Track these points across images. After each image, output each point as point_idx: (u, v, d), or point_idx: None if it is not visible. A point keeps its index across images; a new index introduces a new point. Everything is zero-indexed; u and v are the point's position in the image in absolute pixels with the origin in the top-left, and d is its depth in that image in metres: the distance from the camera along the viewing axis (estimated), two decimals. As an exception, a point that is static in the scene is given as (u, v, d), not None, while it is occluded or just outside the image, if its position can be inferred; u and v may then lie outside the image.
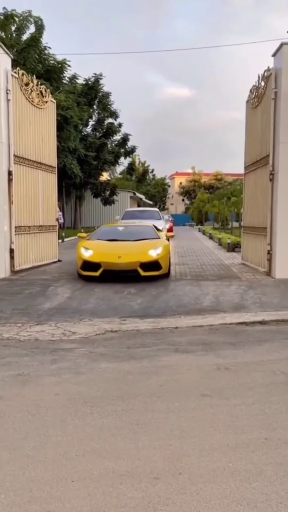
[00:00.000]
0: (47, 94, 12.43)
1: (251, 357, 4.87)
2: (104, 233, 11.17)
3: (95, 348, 5.36)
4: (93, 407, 3.68)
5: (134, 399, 3.82)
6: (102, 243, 10.38)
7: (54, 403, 3.78)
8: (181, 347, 5.29)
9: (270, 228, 10.30)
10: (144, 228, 11.70)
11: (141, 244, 10.24)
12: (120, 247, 10.05)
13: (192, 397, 3.83)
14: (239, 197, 31.05)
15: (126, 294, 8.43)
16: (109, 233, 11.20)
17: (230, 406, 3.64)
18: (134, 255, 9.62)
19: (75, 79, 29.81)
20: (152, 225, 12.15)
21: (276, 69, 10.08)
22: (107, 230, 11.63)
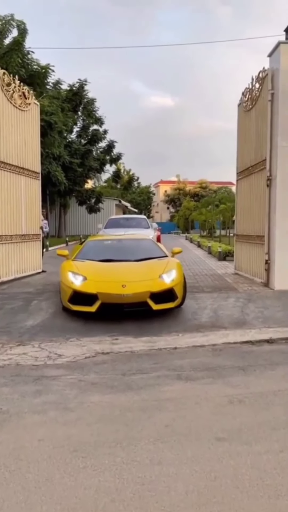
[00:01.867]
0: (30, 96, 11.75)
1: (265, 386, 4.23)
2: (94, 251, 8.52)
3: (85, 375, 4.67)
4: (86, 458, 2.99)
5: (135, 445, 3.15)
6: (95, 265, 7.76)
7: (38, 453, 3.09)
8: (183, 373, 4.63)
9: (267, 237, 9.74)
10: (143, 243, 9.31)
11: (147, 266, 7.73)
12: (121, 271, 7.45)
13: (206, 442, 3.17)
14: (227, 205, 30.73)
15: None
16: (101, 250, 8.61)
17: (253, 455, 2.99)
18: (142, 283, 7.06)
19: (59, 84, 29.22)
20: (151, 238, 9.83)
21: (272, 69, 9.59)
22: (97, 246, 8.92)
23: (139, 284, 7.00)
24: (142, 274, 7.36)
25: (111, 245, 9.10)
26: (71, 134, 32.70)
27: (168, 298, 7.13)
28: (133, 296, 6.85)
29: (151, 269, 7.55)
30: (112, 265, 7.76)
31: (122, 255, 8.25)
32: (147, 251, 8.56)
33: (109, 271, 7.51)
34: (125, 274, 7.28)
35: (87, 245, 8.86)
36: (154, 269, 7.51)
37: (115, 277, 7.21)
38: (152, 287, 7.00)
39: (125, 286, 6.87)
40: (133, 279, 7.11)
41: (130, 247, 8.93)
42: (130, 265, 7.77)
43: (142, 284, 7.03)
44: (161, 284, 7.11)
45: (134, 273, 7.38)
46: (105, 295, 6.86)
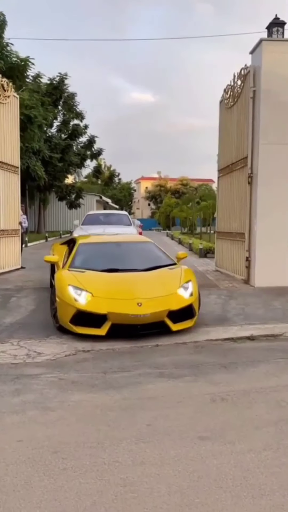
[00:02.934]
0: (9, 88, 11.51)
1: (248, 383, 4.22)
2: (91, 257, 7.15)
3: (65, 373, 4.58)
4: (66, 460, 2.92)
5: (117, 445, 3.08)
6: (100, 277, 6.42)
7: (17, 454, 3.00)
8: (166, 371, 4.58)
9: (248, 234, 9.78)
10: (146, 247, 7.92)
11: (160, 277, 6.58)
12: (133, 285, 6.20)
13: (189, 442, 3.13)
14: (209, 202, 30.85)
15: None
16: (99, 256, 7.22)
17: (236, 454, 2.96)
18: (160, 300, 5.98)
19: (39, 78, 28.79)
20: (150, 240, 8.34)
21: (254, 66, 9.60)
22: (93, 252, 7.39)
23: (157, 302, 5.95)
24: (157, 288, 6.21)
25: (110, 250, 7.57)
26: (51, 129, 32.32)
27: (187, 315, 6.16)
28: (151, 316, 5.80)
29: (166, 281, 6.45)
30: (120, 277, 6.47)
31: (126, 263, 7.01)
32: (153, 257, 7.43)
33: (118, 285, 6.23)
34: (138, 289, 6.08)
35: (81, 250, 7.26)
36: (169, 281, 6.45)
37: (127, 292, 6.01)
38: (171, 304, 5.99)
39: (140, 304, 5.78)
40: (148, 295, 5.99)
41: (133, 252, 7.59)
42: (140, 276, 6.56)
43: (160, 301, 5.98)
44: (180, 300, 6.11)
45: (149, 288, 6.20)
46: (117, 316, 5.76)
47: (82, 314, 5.84)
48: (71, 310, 5.90)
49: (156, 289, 6.19)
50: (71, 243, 8.20)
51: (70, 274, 6.48)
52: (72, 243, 8.14)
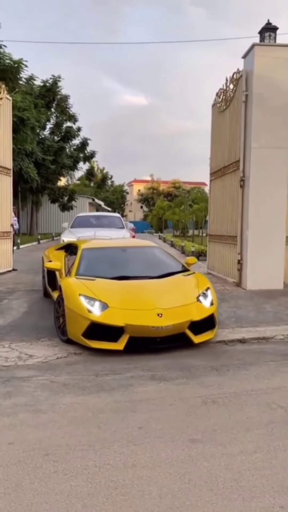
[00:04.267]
0: (2, 90, 11.49)
1: (239, 386, 4.23)
2: (98, 264, 6.64)
3: (56, 376, 4.57)
4: (57, 462, 2.91)
5: (108, 448, 3.08)
6: (112, 285, 5.92)
7: (7, 457, 2.99)
8: (157, 374, 4.59)
9: (240, 237, 9.82)
10: (153, 252, 7.42)
11: (176, 285, 6.17)
12: (149, 294, 5.79)
13: (180, 444, 3.13)
14: (201, 205, 30.97)
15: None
16: (106, 262, 6.71)
17: (227, 456, 2.97)
18: (180, 310, 5.56)
19: (32, 80, 28.80)
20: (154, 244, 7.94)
21: (247, 71, 9.66)
22: (99, 258, 6.87)
23: (178, 312, 5.51)
24: (177, 297, 5.79)
25: (117, 256, 7.11)
26: (44, 131, 32.29)
27: (208, 325, 5.77)
28: (172, 328, 5.36)
29: (183, 289, 6.06)
30: (134, 285, 6.01)
31: (136, 269, 6.58)
32: (163, 263, 6.98)
33: (134, 294, 5.76)
34: (155, 298, 5.65)
35: (85, 256, 6.69)
36: (187, 289, 6.05)
37: (145, 302, 5.57)
38: (193, 314, 5.56)
39: (161, 315, 5.34)
40: (168, 304, 5.55)
41: (141, 258, 7.16)
42: (156, 284, 6.11)
43: (181, 311, 5.55)
44: (202, 310, 5.71)
45: (167, 296, 5.77)
46: (135, 328, 5.28)
47: (96, 326, 5.33)
48: (84, 323, 5.37)
49: (175, 298, 5.76)
50: (69, 249, 7.78)
51: (79, 282, 5.91)
52: (70, 248, 7.73)
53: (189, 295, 5.87)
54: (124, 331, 5.30)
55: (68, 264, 7.09)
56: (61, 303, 5.95)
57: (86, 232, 11.73)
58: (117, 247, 7.52)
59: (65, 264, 7.27)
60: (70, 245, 7.95)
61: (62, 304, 5.91)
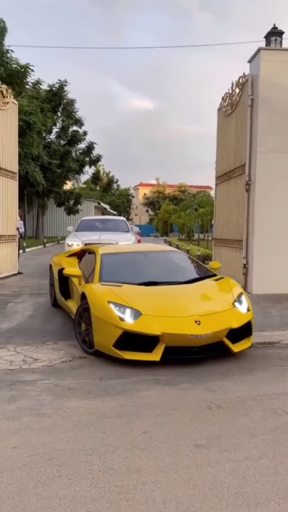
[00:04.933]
0: (8, 94, 11.56)
1: (244, 391, 4.21)
2: (120, 269, 6.25)
3: (61, 380, 4.56)
4: (62, 467, 2.90)
5: (112, 453, 3.07)
6: (141, 291, 5.55)
7: (11, 461, 2.98)
8: (162, 378, 4.57)
9: (246, 241, 9.80)
10: (176, 257, 7.13)
11: (208, 290, 5.88)
12: (182, 300, 5.41)
13: (184, 449, 3.12)
14: (207, 208, 30.94)
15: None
16: (129, 268, 6.32)
17: (232, 462, 2.95)
18: (218, 316, 5.22)
19: (39, 84, 29.01)
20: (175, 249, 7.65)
21: (252, 75, 9.67)
22: (121, 263, 6.48)
23: (216, 319, 5.17)
24: (211, 303, 5.52)
25: (139, 261, 6.67)
26: (50, 135, 32.47)
27: (245, 333, 5.40)
28: (211, 337, 5.00)
29: (217, 295, 5.77)
30: (165, 291, 5.64)
31: (162, 274, 6.23)
32: (188, 267, 6.67)
33: (166, 300, 5.38)
34: (190, 304, 5.31)
35: (105, 262, 6.25)
36: (220, 294, 5.75)
37: (180, 309, 5.18)
38: (231, 321, 5.19)
39: (199, 322, 4.97)
40: (204, 311, 5.21)
41: (164, 263, 6.83)
42: (187, 290, 5.73)
43: (219, 318, 5.20)
44: (240, 317, 5.34)
45: (201, 302, 5.50)
46: (172, 337, 4.90)
47: (129, 336, 4.93)
48: (115, 332, 4.95)
49: (211, 304, 5.48)
50: (82, 255, 7.45)
51: (106, 289, 5.50)
52: (82, 254, 7.46)
53: (223, 300, 5.54)
54: (159, 341, 4.90)
55: (83, 271, 6.60)
56: (86, 312, 5.47)
57: (91, 236, 11.87)
58: (137, 251, 7.16)
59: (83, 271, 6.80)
60: (84, 251, 7.61)
61: (87, 313, 5.44)
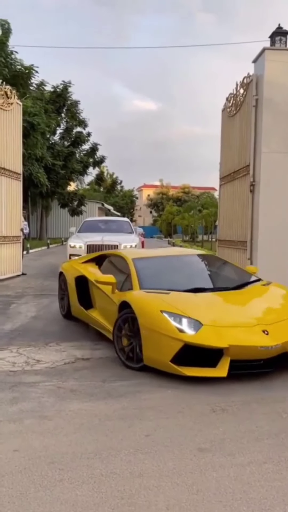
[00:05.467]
0: (12, 95, 11.58)
1: (249, 394, 4.15)
2: (158, 275, 5.76)
3: (64, 381, 4.52)
4: (63, 471, 2.86)
5: (115, 456, 3.03)
6: (192, 298, 5.06)
7: (13, 464, 2.94)
8: (165, 380, 4.51)
9: (250, 242, 9.73)
10: (211, 260, 6.86)
11: (262, 296, 5.51)
12: (241, 307, 5.15)
13: (188, 453, 3.07)
14: (210, 210, 30.89)
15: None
16: (167, 273, 5.87)
17: (236, 466, 2.90)
18: (283, 325, 4.76)
19: (43, 85, 29.07)
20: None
21: (257, 75, 9.61)
22: (157, 268, 5.95)
23: (282, 327, 4.70)
24: (273, 310, 5.11)
25: (175, 266, 6.20)
26: (54, 136, 32.52)
27: None
28: (281, 348, 4.54)
29: (274, 301, 5.35)
30: (219, 298, 5.22)
31: (206, 280, 5.91)
32: (230, 272, 6.29)
33: (224, 309, 5.03)
34: (252, 312, 4.92)
35: (140, 267, 5.69)
36: (276, 300, 5.34)
37: (242, 318, 4.78)
38: None
39: (267, 332, 4.51)
40: (269, 319, 4.78)
41: (203, 267, 6.44)
42: (241, 296, 5.37)
43: (285, 326, 4.74)
44: None
45: (263, 310, 5.05)
46: (239, 350, 4.41)
47: (189, 349, 4.39)
48: (173, 345, 4.40)
49: (273, 311, 5.05)
50: (102, 260, 6.89)
51: (155, 296, 4.96)
52: (102, 259, 6.89)
53: (284, 307, 5.18)
54: (224, 354, 4.39)
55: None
56: (130, 323, 4.97)
57: (94, 237, 11.78)
58: (168, 255, 6.76)
59: None
60: (103, 256, 7.04)
61: (131, 324, 4.94)
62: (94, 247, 11.23)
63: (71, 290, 6.90)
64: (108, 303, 5.73)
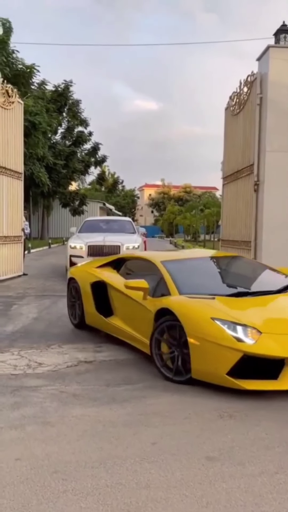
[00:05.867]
0: (14, 94, 11.47)
1: (257, 399, 4.03)
2: (194, 279, 5.35)
3: (66, 385, 4.42)
4: (67, 481, 2.75)
5: (120, 465, 2.92)
6: (241, 303, 4.75)
7: (14, 474, 2.83)
8: (171, 384, 4.41)
9: (254, 242, 9.63)
10: (241, 261, 6.43)
11: None
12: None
13: (196, 462, 2.96)
14: (212, 209, 30.75)
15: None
16: (202, 277, 5.58)
17: (247, 477, 2.79)
18: None
19: (44, 85, 28.98)
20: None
21: (261, 73, 9.51)
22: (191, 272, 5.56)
23: None
24: None
25: (209, 269, 5.89)
26: (55, 135, 32.43)
27: None
28: None
29: None
30: (270, 303, 4.95)
31: (246, 283, 5.62)
32: (267, 274, 5.85)
33: (279, 314, 4.67)
34: None
35: (172, 271, 5.27)
36: None
37: None
38: None
39: None
40: None
41: (237, 270, 6.13)
42: None
43: None
44: None
45: None
46: None
47: (250, 360, 4.03)
48: (230, 356, 4.03)
49: None
50: (119, 264, 6.37)
51: (200, 302, 4.59)
52: (120, 263, 6.36)
53: None
54: (285, 364, 4.05)
55: None
56: (172, 333, 4.57)
57: (95, 238, 11.50)
58: (198, 258, 6.31)
59: None
60: (121, 259, 6.48)
61: (177, 333, 4.50)
62: (96, 248, 11.03)
63: (85, 297, 6.32)
64: (138, 310, 5.22)
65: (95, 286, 6.18)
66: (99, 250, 10.97)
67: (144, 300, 5.13)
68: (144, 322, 5.00)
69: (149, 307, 4.96)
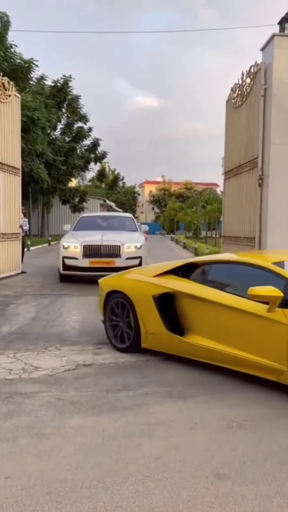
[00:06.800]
0: (10, 87, 11.17)
1: (268, 406, 3.76)
2: None
3: (63, 392, 4.14)
4: (61, 504, 2.48)
5: (121, 485, 2.64)
6: None
7: (4, 495, 2.56)
8: (174, 390, 4.14)
9: (258, 238, 9.34)
10: None
11: None
12: None
13: (204, 480, 2.68)
14: (214, 206, 30.45)
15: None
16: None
17: (261, 498, 2.51)
18: None
19: (43, 80, 28.62)
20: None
21: (265, 63, 9.19)
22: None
23: None
24: None
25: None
26: (54, 131, 32.11)
27: None
28: None
29: None
30: None
31: None
32: None
33: None
34: None
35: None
36: None
37: None
38: None
39: None
40: None
41: None
42: None
43: None
44: None
45: None
46: None
47: None
48: None
49: None
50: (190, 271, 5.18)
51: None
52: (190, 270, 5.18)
53: None
54: None
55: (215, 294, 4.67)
56: None
57: (92, 236, 10.29)
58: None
59: None
60: (194, 264, 5.28)
61: None
62: (92, 248, 9.86)
63: (147, 314, 5.14)
64: (256, 327, 4.23)
65: (160, 299, 5.05)
66: (96, 251, 9.82)
67: (270, 312, 4.10)
68: (270, 341, 4.10)
69: (283, 320, 4.00)
